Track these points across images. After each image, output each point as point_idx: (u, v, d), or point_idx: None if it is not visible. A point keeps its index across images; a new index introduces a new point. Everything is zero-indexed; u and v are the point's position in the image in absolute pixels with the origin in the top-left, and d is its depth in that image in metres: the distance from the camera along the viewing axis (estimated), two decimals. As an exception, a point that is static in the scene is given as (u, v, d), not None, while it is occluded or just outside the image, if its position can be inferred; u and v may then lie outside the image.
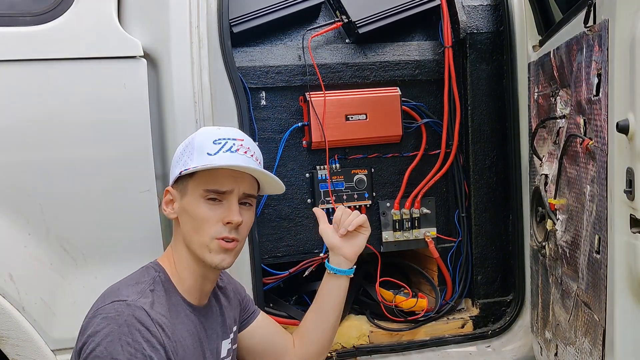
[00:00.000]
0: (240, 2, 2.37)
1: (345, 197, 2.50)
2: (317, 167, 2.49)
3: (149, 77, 2.00)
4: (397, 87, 2.51)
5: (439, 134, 2.59)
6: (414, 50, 2.57)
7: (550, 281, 2.13)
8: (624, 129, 1.47)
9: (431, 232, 2.59)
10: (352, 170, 2.52)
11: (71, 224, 1.95)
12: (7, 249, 1.89)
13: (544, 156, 2.16)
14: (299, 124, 2.45)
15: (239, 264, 1.68)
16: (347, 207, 1.93)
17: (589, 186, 1.72)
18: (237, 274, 2.02)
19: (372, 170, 2.54)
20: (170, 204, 1.66)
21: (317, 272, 2.41)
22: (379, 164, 2.56)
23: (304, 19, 2.50)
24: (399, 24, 2.54)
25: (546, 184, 2.13)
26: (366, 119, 2.47)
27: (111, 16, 1.98)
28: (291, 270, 2.48)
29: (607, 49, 1.55)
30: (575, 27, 1.80)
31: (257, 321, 1.90)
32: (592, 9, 1.65)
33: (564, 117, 1.94)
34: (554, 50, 2.00)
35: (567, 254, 1.92)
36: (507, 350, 2.57)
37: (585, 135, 1.74)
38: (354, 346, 2.49)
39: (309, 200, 2.49)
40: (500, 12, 2.55)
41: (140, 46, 1.99)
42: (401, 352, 2.51)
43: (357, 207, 2.50)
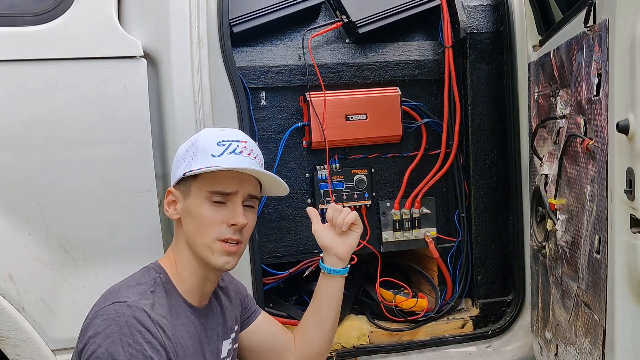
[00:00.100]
0: (240, 2, 2.37)
1: (345, 197, 2.50)
2: (317, 167, 2.48)
3: (149, 77, 1.99)
4: (397, 87, 2.51)
5: (439, 134, 2.59)
6: (414, 50, 2.57)
7: (550, 281, 2.13)
8: (624, 129, 1.47)
9: (431, 232, 2.59)
10: (352, 170, 2.52)
11: (71, 224, 1.95)
12: (7, 249, 1.89)
13: (544, 156, 2.15)
14: (299, 124, 2.45)
15: (238, 264, 1.67)
16: (337, 205, 1.91)
17: (589, 186, 1.72)
18: (237, 274, 2.01)
19: (372, 170, 2.54)
20: (172, 205, 1.66)
21: (317, 272, 2.36)
22: (379, 164, 2.56)
23: (304, 19, 2.50)
24: (399, 24, 2.54)
25: (546, 184, 2.12)
26: (366, 119, 2.46)
27: (111, 16, 1.98)
28: (291, 270, 2.48)
29: (607, 49, 1.55)
30: (575, 27, 1.80)
31: (258, 320, 1.90)
32: (592, 8, 1.65)
33: (564, 117, 1.94)
34: (554, 50, 2.00)
35: (567, 254, 1.91)
36: (507, 350, 2.57)
37: (585, 135, 1.74)
38: (354, 346, 2.49)
39: (309, 200, 2.49)
40: (500, 12, 2.55)
41: (140, 46, 1.99)
42: (401, 352, 2.51)
43: (357, 207, 2.50)
